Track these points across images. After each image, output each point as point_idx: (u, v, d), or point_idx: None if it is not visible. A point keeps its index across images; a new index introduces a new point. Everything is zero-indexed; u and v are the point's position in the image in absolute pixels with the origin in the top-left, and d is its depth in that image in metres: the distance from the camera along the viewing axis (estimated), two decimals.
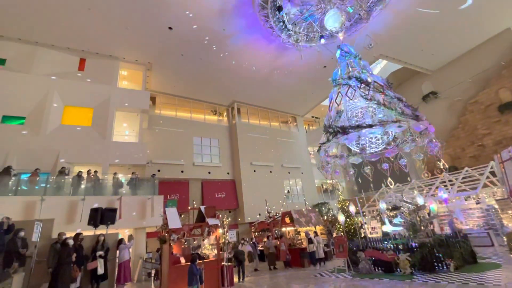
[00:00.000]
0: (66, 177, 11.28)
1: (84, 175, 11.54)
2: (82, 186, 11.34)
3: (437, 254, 7.97)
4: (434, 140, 9.83)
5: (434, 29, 16.53)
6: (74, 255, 7.02)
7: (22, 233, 7.27)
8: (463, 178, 13.71)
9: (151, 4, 12.59)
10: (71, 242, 7.70)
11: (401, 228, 10.00)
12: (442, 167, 10.45)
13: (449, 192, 12.89)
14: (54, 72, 14.20)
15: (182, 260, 9.00)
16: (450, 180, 14.23)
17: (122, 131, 17.39)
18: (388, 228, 10.44)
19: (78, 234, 8.19)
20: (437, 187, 13.43)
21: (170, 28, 14.06)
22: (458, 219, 12.74)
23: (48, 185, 10.59)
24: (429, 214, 9.82)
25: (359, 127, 9.19)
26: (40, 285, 7.43)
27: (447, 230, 10.69)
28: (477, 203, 12.48)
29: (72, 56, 15.10)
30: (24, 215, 9.19)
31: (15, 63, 13.54)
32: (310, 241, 11.48)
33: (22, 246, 7.17)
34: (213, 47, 15.76)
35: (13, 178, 10.11)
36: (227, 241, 13.25)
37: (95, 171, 12.01)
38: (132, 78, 18.24)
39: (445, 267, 7.76)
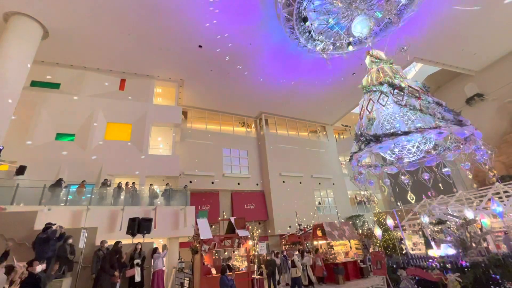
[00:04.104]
0: (108, 188, 12.18)
1: (123, 187, 12.36)
2: (122, 197, 12.14)
3: (493, 276, 7.01)
4: (482, 147, 8.88)
5: (476, 27, 15.28)
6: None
7: (70, 240, 7.94)
8: None
9: (182, 25, 13.49)
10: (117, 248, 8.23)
11: (453, 251, 8.79)
12: (492, 176, 9.32)
13: (504, 204, 11.42)
14: (98, 93, 15.73)
15: (213, 271, 9.08)
16: (505, 191, 12.63)
17: (157, 144, 18.47)
18: (436, 252, 9.32)
19: (117, 242, 8.71)
20: (489, 199, 12.00)
21: (200, 46, 14.87)
22: None
23: (92, 196, 11.51)
24: (481, 229, 8.77)
25: (393, 134, 8.67)
26: None
27: (504, 248, 9.41)
28: None
29: (114, 78, 16.63)
30: (72, 223, 10.04)
31: (67, 86, 15.27)
32: (293, 264, 9.41)
33: (70, 252, 7.82)
34: (238, 66, 16.28)
35: (64, 189, 11.18)
36: (257, 253, 13.09)
37: (133, 183, 12.81)
38: (166, 95, 19.46)
39: None
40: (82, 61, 15.45)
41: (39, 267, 5.33)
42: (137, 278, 8.56)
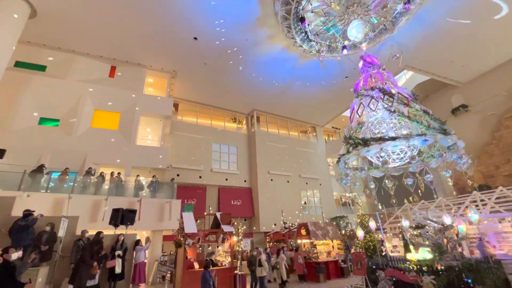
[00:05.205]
0: (92, 177, 11.89)
1: (107, 177, 12.09)
2: (106, 187, 11.88)
3: (465, 280, 7.34)
4: (463, 156, 9.22)
5: (465, 40, 15.77)
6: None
7: (47, 228, 7.69)
8: (497, 198, 12.64)
9: (178, 15, 13.23)
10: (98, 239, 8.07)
11: (430, 255, 9.12)
12: (470, 185, 9.70)
13: (480, 212, 11.95)
14: (87, 79, 15.24)
15: (196, 265, 9.06)
16: (482, 200, 13.20)
17: (145, 135, 18.15)
18: (415, 256, 9.64)
19: (99, 233, 8.53)
20: (466, 207, 12.52)
21: (195, 38, 14.64)
22: (490, 243, 11.71)
23: (75, 184, 11.21)
24: (457, 235, 9.14)
25: (381, 139, 8.86)
26: (63, 279, 7.79)
27: (478, 254, 9.85)
28: None
29: (104, 64, 16.14)
30: (53, 211, 9.77)
31: (54, 69, 14.70)
32: (259, 263, 8.97)
33: (45, 241, 7.55)
34: (233, 61, 16.15)
35: (45, 175, 10.83)
36: (241, 250, 13.14)
37: (119, 173, 12.55)
38: (157, 85, 19.09)
39: None
40: (71, 45, 14.90)
41: (15, 255, 5.16)
42: (118, 270, 8.43)
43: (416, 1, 12.76)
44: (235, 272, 9.14)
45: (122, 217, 9.58)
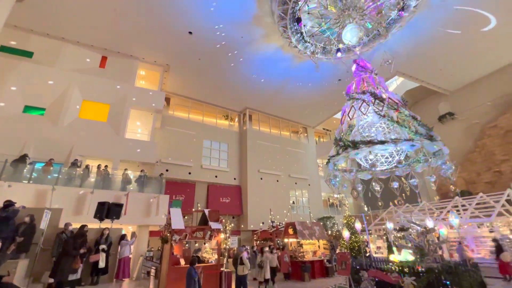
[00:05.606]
0: (78, 169, 11.58)
1: (94, 169, 11.81)
2: (92, 179, 11.61)
3: (444, 281, 7.61)
4: (447, 162, 9.52)
5: (455, 49, 16.25)
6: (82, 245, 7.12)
7: (26, 219, 7.46)
8: (477, 204, 13.17)
9: (174, 9, 13.03)
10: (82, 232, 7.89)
11: (412, 257, 9.38)
12: (452, 190, 10.04)
13: (461, 217, 12.40)
14: (76, 68, 14.80)
15: (182, 261, 9.00)
16: (463, 205, 13.71)
17: (135, 128, 17.81)
18: (397, 257, 9.89)
19: (83, 226, 8.35)
20: (448, 211, 12.96)
21: (190, 32, 14.46)
22: (469, 247, 12.18)
23: (60, 176, 10.90)
24: (438, 238, 9.44)
25: (370, 142, 9.03)
26: (43, 272, 7.58)
27: (457, 257, 10.22)
28: (490, 232, 11.91)
29: (94, 53, 15.70)
30: (36, 202, 9.47)
31: (41, 56, 14.19)
32: (240, 261, 8.41)
33: (29, 232, 7.34)
34: (229, 55, 16.06)
35: (28, 166, 10.47)
36: (228, 247, 13.13)
37: (106, 166, 12.29)
38: (149, 78, 18.75)
39: None
40: (60, 32, 14.42)
41: None
42: (101, 264, 8.30)
43: (410, 8, 13.04)
44: (221, 269, 9.13)
45: (108, 210, 9.40)
